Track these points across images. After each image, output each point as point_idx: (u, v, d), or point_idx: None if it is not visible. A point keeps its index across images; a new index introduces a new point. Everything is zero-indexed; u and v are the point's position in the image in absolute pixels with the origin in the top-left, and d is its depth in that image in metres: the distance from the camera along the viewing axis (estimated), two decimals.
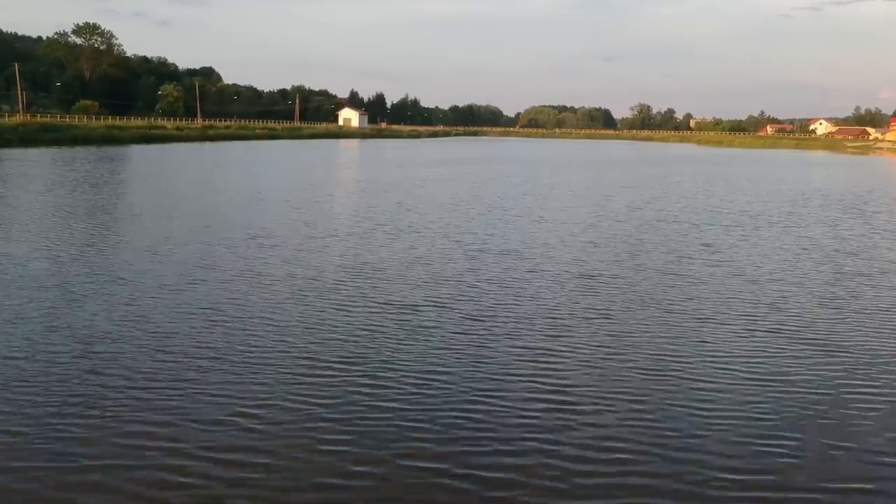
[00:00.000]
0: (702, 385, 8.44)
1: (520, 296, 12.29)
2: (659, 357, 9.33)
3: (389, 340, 9.74)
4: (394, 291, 12.37)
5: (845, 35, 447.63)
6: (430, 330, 10.25)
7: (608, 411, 7.70)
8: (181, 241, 16.76)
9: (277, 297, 11.85)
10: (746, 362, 9.21)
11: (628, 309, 11.61)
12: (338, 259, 15.03)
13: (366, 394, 7.96)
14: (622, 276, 14.10)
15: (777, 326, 10.81)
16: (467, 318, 10.85)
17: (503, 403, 7.82)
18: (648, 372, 8.81)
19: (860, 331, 10.73)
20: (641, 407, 7.81)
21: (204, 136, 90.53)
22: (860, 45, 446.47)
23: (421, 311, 11.17)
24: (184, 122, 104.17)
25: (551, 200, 28.60)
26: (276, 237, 17.52)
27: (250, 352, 9.14)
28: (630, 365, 9.03)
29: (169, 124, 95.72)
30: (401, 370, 8.70)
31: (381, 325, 10.39)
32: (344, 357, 9.05)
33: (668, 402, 7.98)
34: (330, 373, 8.53)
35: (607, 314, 11.27)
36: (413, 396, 7.94)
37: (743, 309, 11.76)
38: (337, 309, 11.20)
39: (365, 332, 10.05)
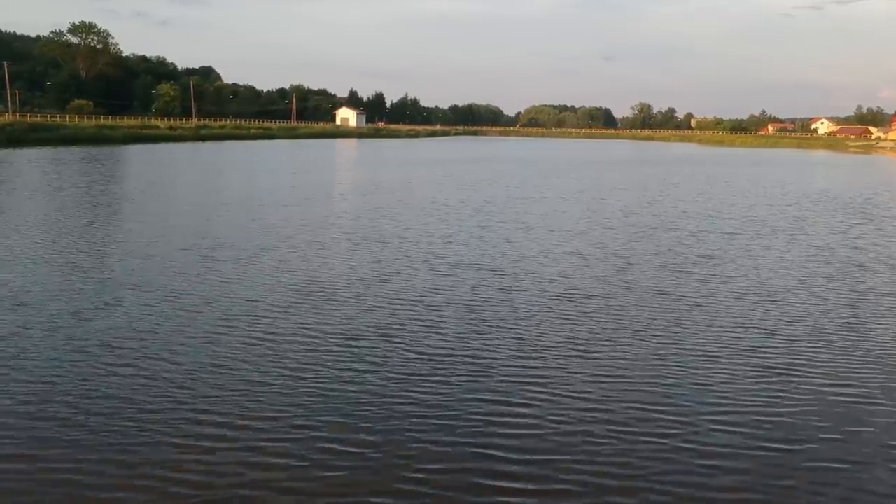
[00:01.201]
0: (701, 454, 6.65)
1: (487, 324, 10.48)
2: (647, 411, 7.52)
3: (316, 388, 7.94)
4: (339, 319, 10.57)
5: (846, 34, 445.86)
6: (371, 373, 8.46)
7: (578, 489, 5.94)
8: (116, 253, 14.97)
9: (201, 326, 10.05)
10: (756, 419, 7.40)
11: (613, 342, 9.80)
12: (286, 276, 13.22)
13: (272, 465, 6.20)
14: (609, 296, 12.30)
15: (792, 365, 8.98)
16: (418, 356, 9.04)
17: (450, 472, 6.07)
18: (633, 433, 7.01)
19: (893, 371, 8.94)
20: (623, 472, 6.05)
21: (198, 136, 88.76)
22: (861, 44, 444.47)
23: (364, 346, 9.36)
24: (178, 121, 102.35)
25: (541, 204, 26.78)
26: (226, 248, 15.70)
27: (135, 408, 7.33)
28: (610, 423, 7.22)
29: (162, 124, 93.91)
30: (323, 431, 6.93)
31: (312, 367, 8.59)
32: (252, 414, 7.26)
33: (658, 476, 6.21)
34: (229, 434, 6.77)
35: (587, 350, 9.45)
36: (333, 472, 6.17)
37: (749, 341, 9.94)
38: (264, 343, 9.39)
39: (288, 379, 8.23)
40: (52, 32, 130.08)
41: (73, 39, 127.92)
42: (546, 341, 9.73)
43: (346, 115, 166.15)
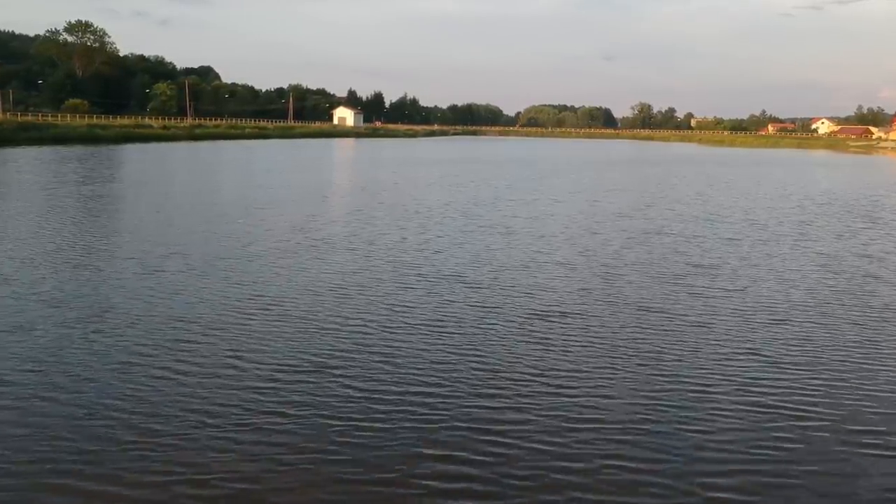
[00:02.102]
0: None
1: (449, 352, 9.06)
2: (631, 469, 6.13)
3: (234, 438, 6.55)
4: (277, 345, 9.14)
5: (846, 34, 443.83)
6: (301, 417, 7.08)
7: None
8: (50, 263, 13.52)
9: (116, 355, 8.63)
10: (762, 480, 6.01)
11: (592, 374, 8.39)
12: (231, 290, 11.79)
13: None
14: (592, 315, 10.90)
15: (802, 404, 7.57)
16: (359, 395, 7.62)
17: None
18: (613, 499, 5.66)
19: None
20: None
21: (192, 136, 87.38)
22: (861, 44, 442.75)
23: (299, 381, 7.95)
24: (173, 120, 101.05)
25: (531, 207, 25.36)
26: (176, 258, 14.25)
27: (5, 467, 6.00)
28: (584, 487, 5.86)
29: (155, 123, 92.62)
30: (234, 494, 5.57)
31: (232, 409, 7.17)
32: (148, 472, 5.89)
33: None
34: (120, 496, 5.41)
35: (562, 385, 8.01)
36: None
37: (752, 372, 8.52)
38: (182, 377, 7.95)
39: (199, 426, 6.81)
40: (47, 31, 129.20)
41: (70, 38, 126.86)
42: (516, 374, 8.34)
43: (344, 115, 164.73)
